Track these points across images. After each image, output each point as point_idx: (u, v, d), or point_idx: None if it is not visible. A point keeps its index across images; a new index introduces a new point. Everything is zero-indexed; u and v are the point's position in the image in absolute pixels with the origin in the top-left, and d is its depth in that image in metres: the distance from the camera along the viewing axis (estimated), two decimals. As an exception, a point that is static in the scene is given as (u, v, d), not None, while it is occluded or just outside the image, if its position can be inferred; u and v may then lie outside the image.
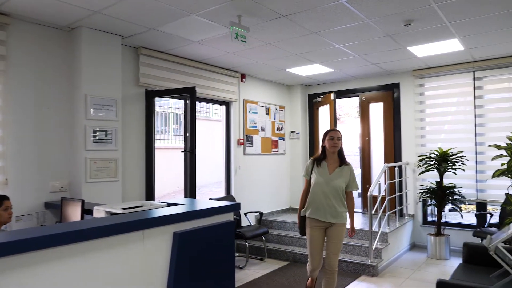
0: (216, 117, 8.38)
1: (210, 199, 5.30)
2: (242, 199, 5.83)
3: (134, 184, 4.53)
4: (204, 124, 8.89)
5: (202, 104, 7.95)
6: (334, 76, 6.41)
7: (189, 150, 4.45)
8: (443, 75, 5.89)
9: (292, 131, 7.20)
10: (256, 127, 6.44)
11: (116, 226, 1.90)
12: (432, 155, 5.55)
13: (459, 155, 5.42)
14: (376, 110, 6.63)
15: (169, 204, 2.62)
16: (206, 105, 8.30)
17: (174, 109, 9.37)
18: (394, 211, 5.82)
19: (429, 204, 5.74)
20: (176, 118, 9.59)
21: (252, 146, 6.34)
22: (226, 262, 2.52)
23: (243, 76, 6.15)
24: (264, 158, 6.61)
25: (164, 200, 2.87)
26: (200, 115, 8.85)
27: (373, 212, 4.83)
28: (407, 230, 5.91)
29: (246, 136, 6.23)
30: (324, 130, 3.68)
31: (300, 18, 3.74)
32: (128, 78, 4.47)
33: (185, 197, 4.58)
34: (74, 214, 3.17)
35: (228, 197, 5.69)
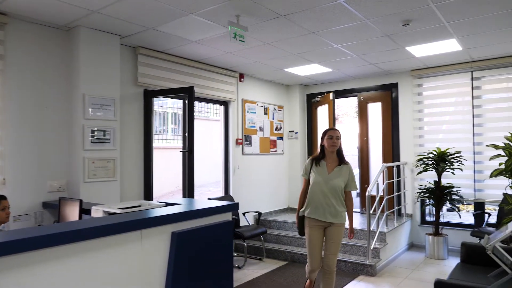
0: (215, 117, 8.38)
1: (209, 199, 5.30)
2: (241, 199, 5.83)
3: (133, 184, 4.53)
4: (203, 124, 8.89)
5: (200, 104, 7.94)
6: (333, 76, 6.41)
7: (187, 150, 4.45)
8: (441, 75, 5.90)
9: (290, 131, 7.20)
10: (254, 127, 6.44)
11: (114, 226, 1.90)
12: (430, 155, 5.56)
13: (457, 155, 5.43)
14: (375, 110, 6.64)
15: (167, 204, 2.62)
16: (204, 104, 8.30)
17: (172, 108, 9.35)
18: (392, 211, 5.83)
19: (427, 204, 5.75)
20: (174, 118, 9.57)
21: (251, 146, 6.34)
22: (225, 262, 2.52)
23: (241, 76, 6.15)
24: (263, 158, 6.61)
25: (163, 200, 2.87)
26: (199, 114, 8.84)
27: (371, 211, 4.84)
28: (405, 230, 5.92)
29: (245, 136, 6.23)
30: (322, 130, 3.67)
31: (299, 18, 3.75)
32: (126, 78, 4.46)
33: (183, 196, 4.59)
34: (72, 214, 3.17)
35: (226, 197, 5.69)
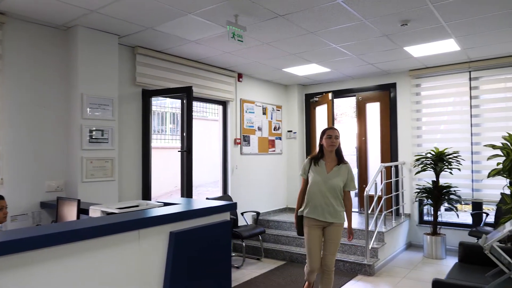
0: (213, 116, 8.37)
1: (207, 198, 5.29)
2: (239, 198, 5.83)
3: (131, 184, 4.52)
4: (201, 123, 8.87)
5: (199, 104, 7.93)
6: (331, 76, 6.42)
7: (186, 150, 4.45)
8: (440, 75, 5.91)
9: (289, 131, 7.20)
10: (253, 126, 6.44)
11: (112, 226, 1.90)
12: (428, 155, 5.57)
13: (455, 155, 5.44)
14: (373, 110, 6.64)
15: (165, 204, 2.62)
16: (203, 104, 8.28)
17: (171, 108, 9.34)
18: (391, 210, 5.84)
19: (425, 203, 5.76)
20: (173, 118, 9.56)
21: (249, 146, 6.34)
22: (223, 261, 2.52)
23: (240, 76, 6.15)
24: (261, 158, 6.61)
25: (161, 200, 2.87)
26: (197, 114, 8.83)
27: (369, 211, 4.85)
28: (404, 229, 5.93)
29: (243, 135, 6.23)
30: (321, 130, 3.66)
31: (297, 18, 3.75)
32: (124, 78, 4.46)
33: (181, 196, 4.59)
34: (70, 213, 3.17)
35: (224, 196, 5.68)
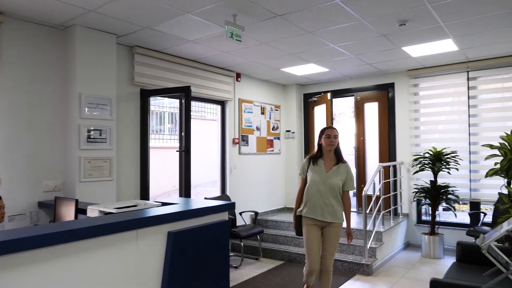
0: (211, 116, 8.36)
1: (205, 198, 5.28)
2: (237, 198, 5.83)
3: (129, 184, 4.51)
4: (199, 123, 8.86)
5: (197, 104, 7.90)
6: (329, 75, 6.42)
7: (184, 150, 4.44)
8: (438, 75, 5.93)
9: (287, 131, 7.20)
10: (251, 126, 6.43)
11: (109, 226, 1.89)
12: (426, 155, 5.59)
13: (453, 155, 5.45)
14: (371, 110, 6.65)
15: (163, 204, 2.62)
16: (201, 104, 8.27)
17: (169, 108, 9.33)
18: (389, 210, 5.85)
19: (423, 203, 5.77)
20: (171, 118, 9.55)
21: (247, 146, 6.34)
22: (221, 261, 2.52)
23: (238, 76, 6.15)
24: (259, 158, 6.61)
25: (159, 200, 2.87)
26: (195, 114, 8.81)
27: (367, 211, 4.86)
28: (402, 229, 5.94)
29: (241, 135, 6.23)
30: (319, 130, 3.66)
31: (295, 18, 3.75)
32: (122, 77, 4.45)
33: (180, 196, 4.58)
34: (68, 213, 3.16)
35: (223, 196, 5.68)
